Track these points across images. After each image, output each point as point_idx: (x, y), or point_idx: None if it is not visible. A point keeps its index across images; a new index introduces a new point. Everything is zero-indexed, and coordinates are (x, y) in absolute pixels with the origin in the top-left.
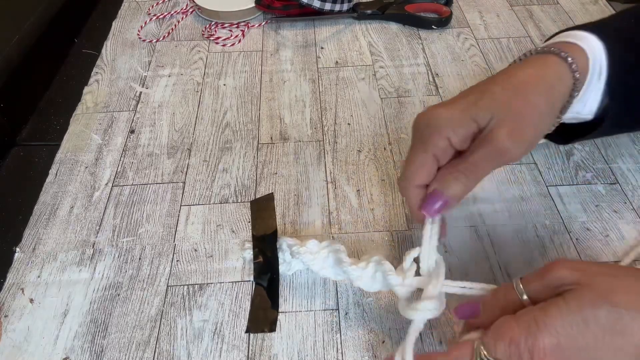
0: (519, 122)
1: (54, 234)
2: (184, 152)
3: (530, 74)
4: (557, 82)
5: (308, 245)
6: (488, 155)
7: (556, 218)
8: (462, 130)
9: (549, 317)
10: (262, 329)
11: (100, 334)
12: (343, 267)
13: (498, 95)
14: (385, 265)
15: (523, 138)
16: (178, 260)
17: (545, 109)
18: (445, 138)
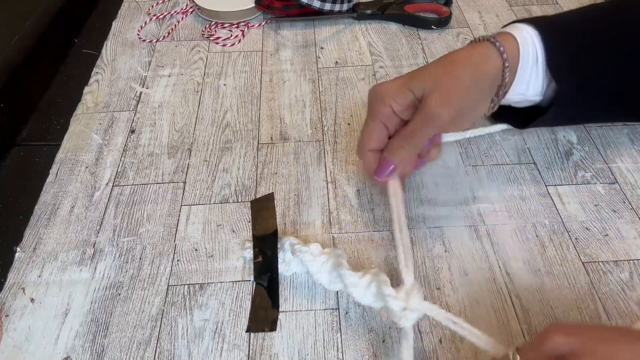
0: (445, 93)
1: (55, 233)
2: (184, 152)
3: (459, 55)
4: (483, 61)
5: (311, 247)
6: (422, 121)
7: (555, 218)
8: (400, 99)
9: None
10: (262, 329)
11: (101, 334)
12: (340, 270)
13: (431, 70)
14: (381, 276)
15: (450, 105)
16: (179, 259)
17: (469, 83)
18: (388, 106)
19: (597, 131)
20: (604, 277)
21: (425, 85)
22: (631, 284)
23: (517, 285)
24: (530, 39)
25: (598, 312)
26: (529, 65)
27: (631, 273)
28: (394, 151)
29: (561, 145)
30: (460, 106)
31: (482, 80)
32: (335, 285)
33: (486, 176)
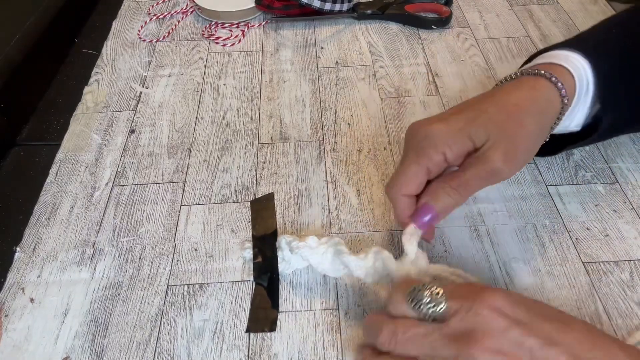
0: (512, 145)
1: (54, 233)
2: (184, 152)
3: (522, 98)
4: (547, 106)
5: (307, 240)
6: (481, 175)
7: (556, 217)
8: (458, 147)
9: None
10: (262, 329)
11: (101, 334)
12: (342, 258)
13: (493, 116)
14: (384, 252)
15: (516, 160)
16: (178, 260)
17: (536, 132)
18: (441, 153)
19: None
20: (605, 277)
21: (488, 134)
22: (632, 284)
23: (517, 285)
24: (583, 72)
25: (598, 312)
26: (580, 100)
27: (632, 273)
28: (439, 197)
29: None
30: (526, 159)
31: (545, 127)
32: (339, 271)
33: None
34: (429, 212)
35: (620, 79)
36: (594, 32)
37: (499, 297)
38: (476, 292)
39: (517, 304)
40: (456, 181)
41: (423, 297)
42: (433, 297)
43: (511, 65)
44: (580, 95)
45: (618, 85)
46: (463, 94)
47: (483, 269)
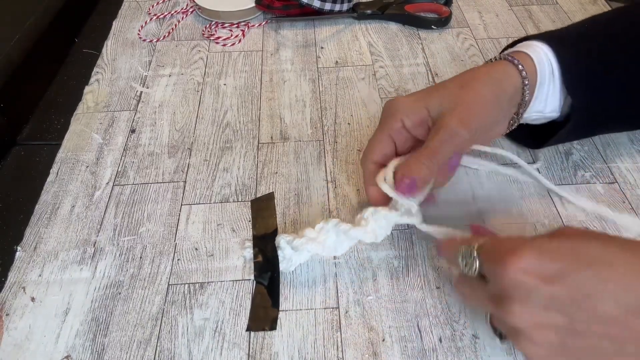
0: (465, 108)
1: (55, 233)
2: (184, 152)
3: (478, 71)
4: (503, 77)
5: (306, 233)
6: (442, 139)
7: (555, 217)
8: (414, 115)
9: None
10: (262, 327)
11: (102, 333)
12: (349, 234)
13: (449, 88)
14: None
15: (470, 122)
16: (179, 259)
17: (490, 98)
18: (400, 120)
19: None
20: None
21: (442, 102)
22: None
23: None
24: (544, 55)
25: None
26: (545, 83)
27: None
28: (413, 167)
29: (561, 145)
30: (481, 123)
31: (502, 96)
32: (345, 246)
33: (486, 176)
34: (407, 181)
35: (590, 69)
36: (569, 26)
37: (527, 255)
38: (506, 251)
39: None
40: (424, 151)
41: (462, 261)
42: (468, 261)
43: None
44: (543, 76)
45: (587, 74)
46: None
47: None
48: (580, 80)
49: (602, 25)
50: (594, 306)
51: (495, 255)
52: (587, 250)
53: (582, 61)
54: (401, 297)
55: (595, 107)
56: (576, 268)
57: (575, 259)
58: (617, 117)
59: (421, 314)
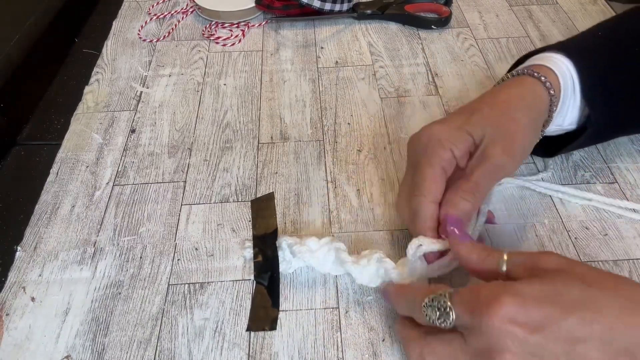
0: (509, 138)
1: (55, 232)
2: (184, 152)
3: (511, 94)
4: (535, 99)
5: (308, 243)
6: (487, 172)
7: (555, 217)
8: (461, 144)
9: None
10: (262, 328)
11: (102, 333)
12: (345, 266)
13: (486, 113)
14: (386, 262)
15: (514, 153)
16: (179, 259)
17: (529, 124)
18: (449, 150)
19: None
20: None
21: (484, 130)
22: None
23: None
24: (567, 69)
25: None
26: (567, 97)
27: (630, 272)
28: (457, 204)
29: None
30: (523, 151)
31: (537, 120)
32: (340, 271)
33: None
34: (452, 220)
35: (605, 78)
36: (581, 35)
37: (509, 305)
38: (485, 302)
39: (532, 302)
40: (467, 184)
41: (434, 313)
42: (441, 312)
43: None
44: (566, 91)
45: (604, 84)
46: (462, 94)
47: None
48: (598, 93)
49: (615, 32)
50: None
51: (475, 305)
52: (569, 294)
53: (601, 73)
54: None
55: (612, 117)
56: (561, 314)
57: (558, 305)
58: (631, 124)
59: None
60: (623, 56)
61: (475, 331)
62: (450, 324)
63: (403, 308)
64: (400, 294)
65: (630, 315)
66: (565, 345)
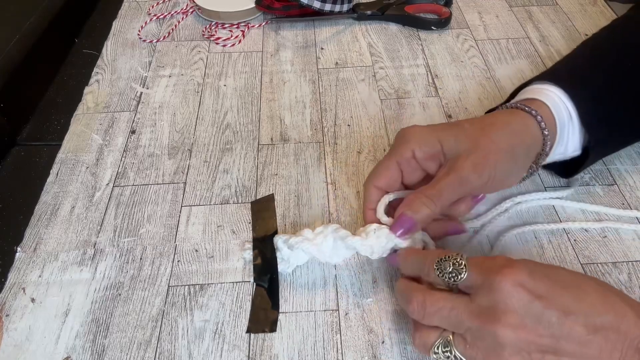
0: (481, 156)
1: (55, 233)
2: (184, 153)
3: (497, 119)
4: (521, 129)
5: (303, 233)
6: (452, 183)
7: (554, 219)
8: (426, 146)
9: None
10: (262, 329)
11: (102, 334)
12: (347, 242)
13: (467, 130)
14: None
15: (483, 171)
16: (179, 260)
17: (505, 149)
18: (410, 150)
19: None
20: (603, 278)
21: (458, 142)
22: (629, 286)
23: None
24: (560, 101)
25: None
26: (565, 127)
27: (630, 274)
28: (415, 208)
29: None
30: (494, 173)
31: (518, 148)
32: (340, 256)
33: None
34: (406, 221)
35: (601, 101)
36: (570, 59)
37: (521, 271)
38: (499, 266)
39: (538, 275)
40: (429, 190)
41: (447, 266)
42: (455, 267)
43: (510, 66)
44: (562, 122)
45: (600, 107)
46: (462, 95)
47: None
48: (596, 117)
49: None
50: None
51: (489, 267)
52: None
53: (596, 97)
54: None
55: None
56: (560, 289)
57: (557, 281)
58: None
59: None
60: (615, 74)
61: (485, 289)
62: (461, 279)
63: (411, 266)
64: (412, 253)
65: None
66: (560, 315)
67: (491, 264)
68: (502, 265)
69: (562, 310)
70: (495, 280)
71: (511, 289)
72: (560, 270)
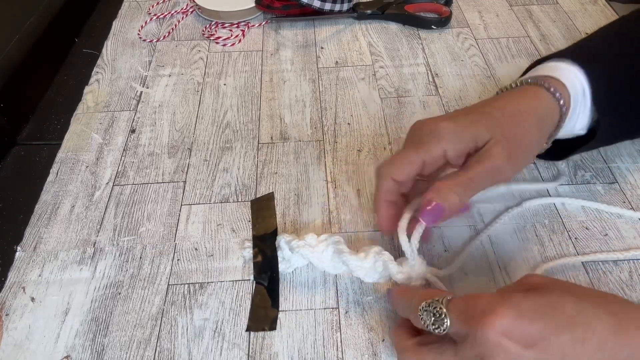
0: (515, 145)
1: (55, 233)
2: (184, 152)
3: (526, 105)
4: (547, 114)
5: (306, 238)
6: (484, 171)
7: (555, 217)
8: (461, 145)
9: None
10: (262, 328)
11: (101, 333)
12: (343, 257)
13: (498, 119)
14: (385, 254)
15: (517, 160)
16: (179, 259)
17: (537, 137)
18: (442, 149)
19: None
20: (604, 276)
21: (492, 133)
22: (631, 284)
23: None
24: (576, 79)
25: None
26: (577, 105)
27: (631, 273)
28: (444, 194)
29: None
30: (525, 160)
31: (545, 133)
32: (338, 269)
33: None
34: (436, 209)
35: (615, 84)
36: (588, 40)
37: (506, 317)
38: (481, 313)
39: (529, 317)
40: (461, 179)
41: (429, 317)
42: (437, 318)
43: (510, 65)
44: (576, 99)
45: (613, 90)
46: (463, 94)
47: (482, 268)
48: (608, 99)
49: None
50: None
51: (470, 314)
52: (563, 309)
53: (610, 79)
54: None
55: (622, 121)
56: (555, 330)
57: (553, 321)
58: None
59: None
60: (631, 61)
61: (469, 341)
62: (444, 330)
63: (402, 310)
64: (401, 295)
65: (619, 333)
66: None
67: (473, 312)
68: (483, 311)
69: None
70: (477, 333)
71: (496, 341)
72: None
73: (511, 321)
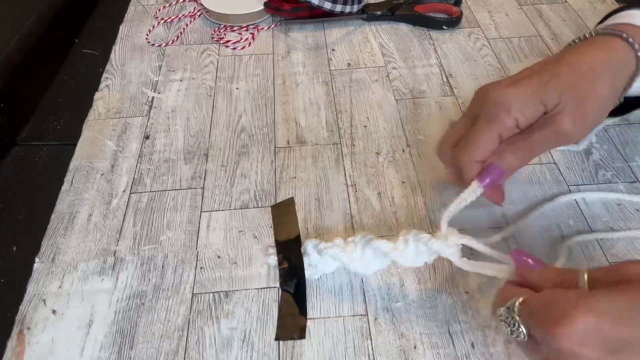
0: (582, 108)
1: (73, 243)
2: (200, 158)
3: (597, 59)
4: (622, 68)
5: (334, 241)
6: (549, 137)
7: (579, 218)
8: (530, 112)
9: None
10: (291, 336)
11: (127, 345)
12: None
13: (566, 78)
14: (423, 236)
15: (585, 123)
16: (202, 267)
17: (609, 95)
18: (514, 118)
19: (614, 130)
20: None
21: (561, 97)
22: None
23: None
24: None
25: None
26: None
27: None
28: (505, 157)
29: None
30: (595, 122)
31: (618, 89)
32: (377, 265)
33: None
34: (495, 171)
35: None
36: None
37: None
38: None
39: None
40: (523, 143)
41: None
42: (513, 329)
43: (524, 64)
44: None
45: None
46: None
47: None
48: None
49: None
50: None
51: (544, 320)
52: None
53: None
54: (430, 303)
55: None
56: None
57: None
58: None
59: (451, 320)
60: None
61: (546, 345)
62: (525, 338)
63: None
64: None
65: None
66: None
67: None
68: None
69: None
70: (552, 341)
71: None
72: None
73: (588, 327)
